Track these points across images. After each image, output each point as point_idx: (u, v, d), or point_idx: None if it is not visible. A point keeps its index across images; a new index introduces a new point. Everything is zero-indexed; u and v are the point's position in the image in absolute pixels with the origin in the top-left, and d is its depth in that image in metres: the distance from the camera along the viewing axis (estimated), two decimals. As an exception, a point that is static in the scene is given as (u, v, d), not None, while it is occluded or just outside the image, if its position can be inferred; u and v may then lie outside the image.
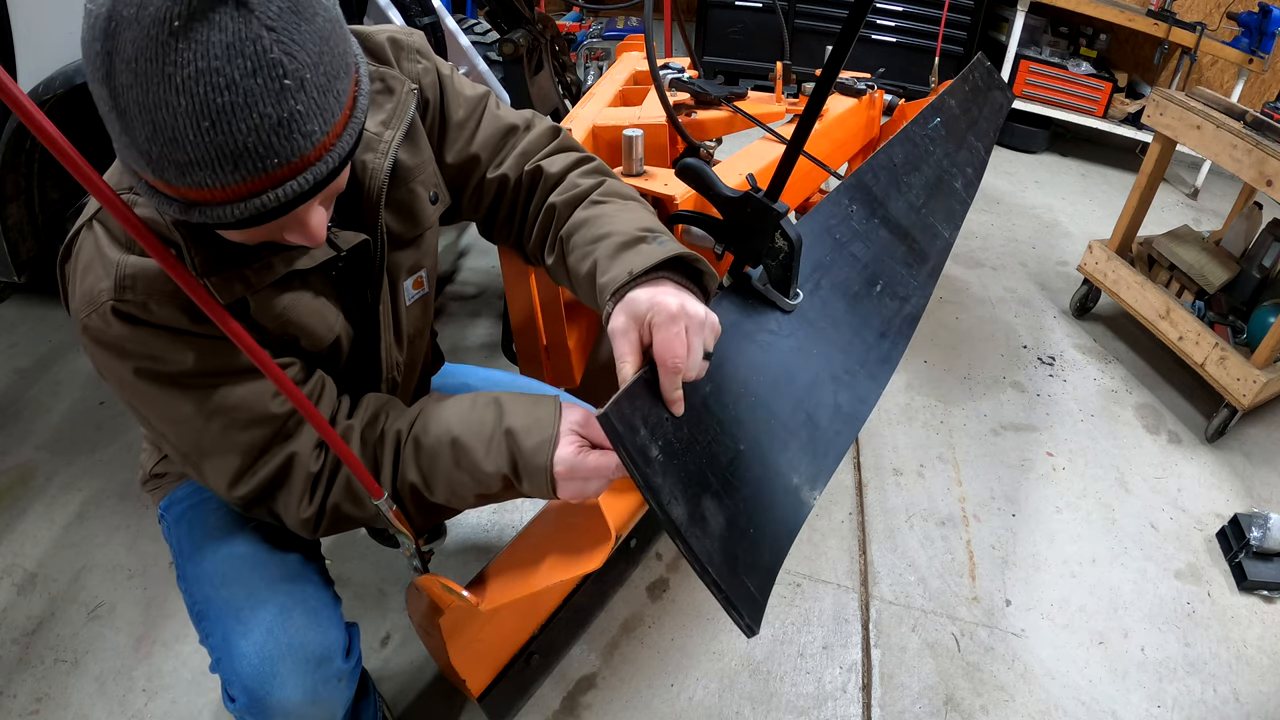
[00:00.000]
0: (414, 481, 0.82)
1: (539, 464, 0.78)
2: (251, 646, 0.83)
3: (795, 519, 0.79)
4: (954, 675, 1.49)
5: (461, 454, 0.80)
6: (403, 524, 0.84)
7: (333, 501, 0.82)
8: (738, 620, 0.69)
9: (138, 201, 0.71)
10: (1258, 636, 1.62)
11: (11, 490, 1.75)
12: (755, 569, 0.71)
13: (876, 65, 2.53)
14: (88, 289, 0.71)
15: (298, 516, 0.82)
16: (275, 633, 0.84)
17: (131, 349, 0.72)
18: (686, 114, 1.82)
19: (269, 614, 0.86)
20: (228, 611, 0.87)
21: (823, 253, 1.05)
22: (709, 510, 0.71)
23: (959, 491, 1.91)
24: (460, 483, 0.81)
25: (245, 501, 0.81)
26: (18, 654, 1.42)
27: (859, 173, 1.24)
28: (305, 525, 0.83)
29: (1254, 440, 2.18)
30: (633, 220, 0.84)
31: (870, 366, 0.96)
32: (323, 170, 0.62)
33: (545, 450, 0.78)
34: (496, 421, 0.81)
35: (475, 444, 0.80)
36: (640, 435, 0.69)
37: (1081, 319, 2.67)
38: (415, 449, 0.83)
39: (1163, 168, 2.34)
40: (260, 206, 0.60)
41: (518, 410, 0.82)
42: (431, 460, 0.82)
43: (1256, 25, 3.58)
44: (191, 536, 0.96)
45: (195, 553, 0.94)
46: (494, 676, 1.13)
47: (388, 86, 0.85)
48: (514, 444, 0.79)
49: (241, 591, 0.88)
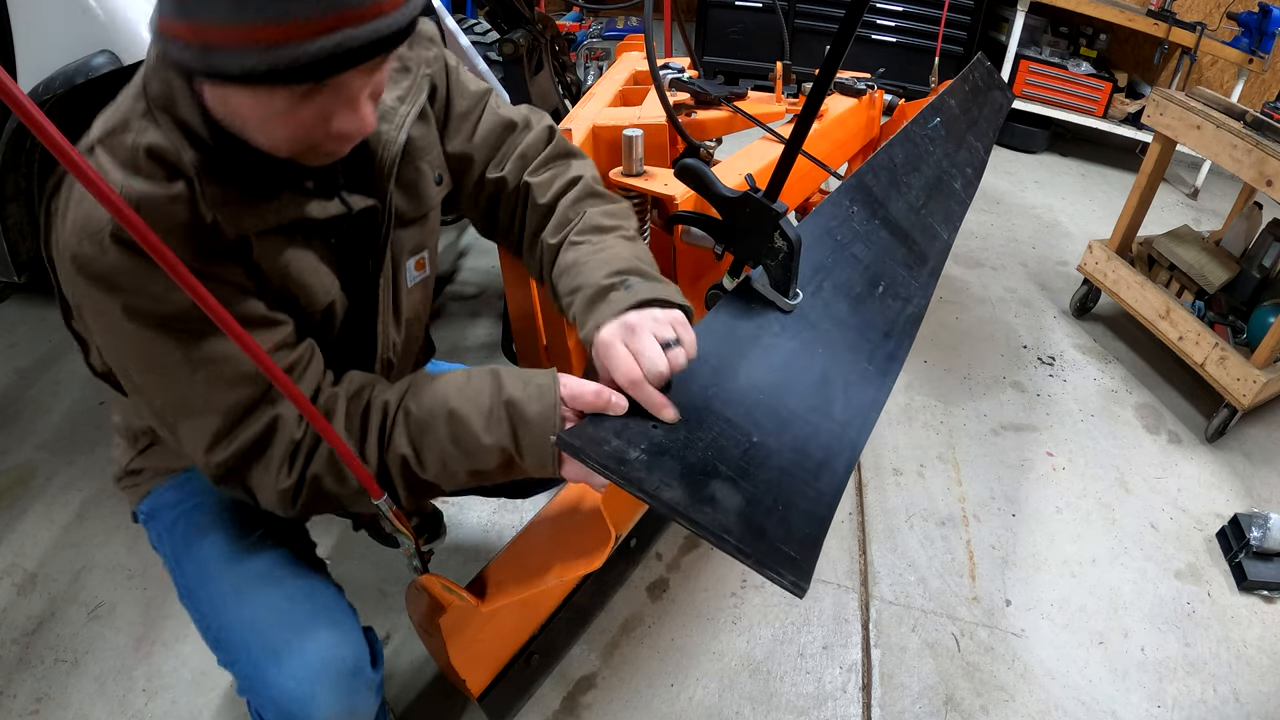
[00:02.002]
0: (404, 454, 0.78)
1: (542, 434, 0.75)
2: (285, 673, 0.82)
3: (831, 492, 0.77)
4: (954, 675, 1.49)
5: (458, 425, 0.77)
6: (402, 524, 0.83)
7: (313, 472, 0.77)
8: (779, 579, 0.66)
9: (151, 127, 0.69)
10: (1258, 636, 1.62)
11: (11, 490, 1.75)
12: (791, 538, 0.70)
13: (876, 65, 2.53)
14: (84, 215, 0.67)
15: (275, 488, 0.77)
16: (307, 656, 0.83)
17: (125, 283, 0.67)
18: (686, 114, 1.81)
19: (297, 637, 0.84)
20: (253, 637, 0.85)
21: (824, 254, 1.05)
22: (720, 492, 0.70)
23: (959, 491, 1.91)
24: (453, 457, 0.78)
25: (223, 469, 0.76)
26: (18, 654, 1.42)
27: (859, 173, 1.24)
28: (283, 498, 0.78)
29: (1254, 440, 2.18)
30: (605, 264, 0.84)
31: (879, 363, 0.96)
32: (400, 21, 0.63)
33: (550, 418, 0.75)
34: (495, 392, 0.78)
35: (473, 415, 0.77)
36: (610, 445, 0.71)
37: (1081, 319, 2.67)
38: (405, 419, 0.78)
39: (1163, 168, 2.34)
40: (343, 43, 0.59)
41: (516, 380, 0.79)
42: (423, 431, 0.78)
43: (1256, 25, 3.58)
44: (191, 550, 0.93)
45: (200, 570, 0.91)
46: (494, 676, 1.14)
47: (405, 66, 0.86)
48: (516, 414, 0.76)
49: (264, 614, 0.86)
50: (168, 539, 0.96)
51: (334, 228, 0.82)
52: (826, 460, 0.79)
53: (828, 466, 0.79)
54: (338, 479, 0.78)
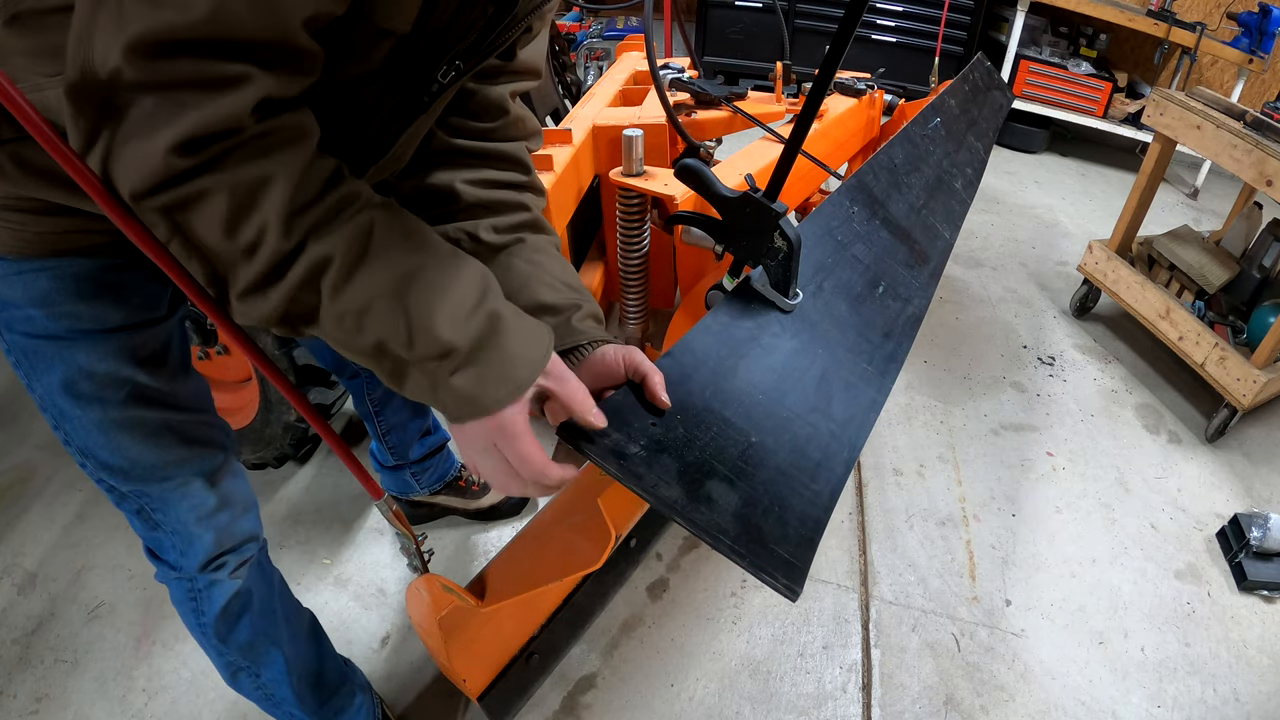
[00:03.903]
0: (328, 255, 0.55)
1: (507, 374, 0.61)
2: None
3: (828, 493, 0.77)
4: (954, 675, 1.49)
5: (419, 286, 0.58)
6: (403, 524, 0.83)
7: (324, 253, 0.55)
8: (773, 582, 0.66)
9: None
10: (1258, 636, 1.62)
11: (11, 490, 1.75)
12: (787, 539, 0.70)
13: (876, 65, 2.53)
14: None
15: (272, 248, 0.53)
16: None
17: None
18: (686, 114, 1.82)
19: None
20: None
21: (824, 254, 1.05)
22: (717, 492, 0.71)
23: (959, 491, 1.91)
24: (382, 313, 0.57)
25: (176, 176, 0.50)
26: (18, 654, 1.42)
27: (860, 174, 1.24)
28: (263, 282, 0.55)
29: (1254, 440, 2.18)
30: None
31: (878, 364, 0.96)
32: None
33: (532, 366, 0.62)
34: (481, 294, 0.62)
35: (447, 290, 0.59)
36: (610, 439, 0.70)
37: (1081, 319, 2.67)
38: (361, 227, 0.57)
39: (1163, 168, 2.34)
40: None
41: (510, 307, 0.64)
42: (370, 256, 0.57)
43: (1256, 25, 3.58)
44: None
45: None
46: (494, 676, 1.14)
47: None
48: (495, 329, 0.61)
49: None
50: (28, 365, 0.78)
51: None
52: (824, 461, 0.80)
53: (825, 467, 0.79)
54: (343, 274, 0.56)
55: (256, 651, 1.03)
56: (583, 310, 0.77)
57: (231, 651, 1.01)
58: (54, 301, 0.73)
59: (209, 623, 0.97)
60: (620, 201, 1.51)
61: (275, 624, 1.04)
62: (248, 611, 0.99)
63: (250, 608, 1.00)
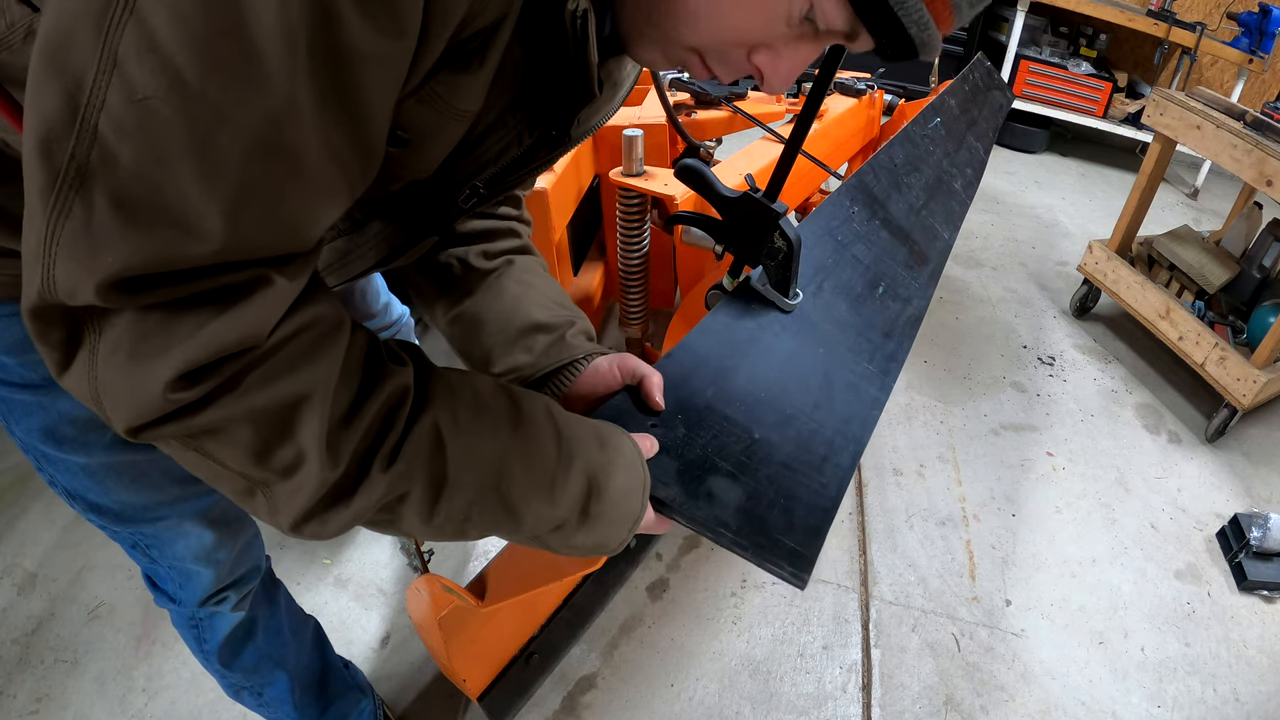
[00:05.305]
0: (402, 491, 0.50)
1: (624, 514, 0.63)
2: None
3: (835, 484, 0.77)
4: (954, 675, 1.49)
5: (507, 479, 0.55)
6: None
7: (398, 489, 0.49)
8: (778, 570, 0.66)
9: None
10: (1258, 636, 1.62)
11: (11, 490, 1.74)
12: (793, 529, 0.70)
13: (876, 65, 2.53)
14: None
15: (317, 479, 0.45)
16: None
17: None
18: (686, 114, 1.82)
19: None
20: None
21: (824, 254, 1.05)
22: (719, 488, 0.71)
23: (959, 491, 1.91)
24: (482, 517, 0.55)
25: (181, 409, 0.41)
26: (18, 654, 1.42)
27: (860, 174, 1.24)
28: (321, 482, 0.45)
29: (1254, 440, 2.18)
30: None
31: (879, 363, 0.96)
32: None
33: (637, 496, 0.64)
34: (554, 440, 0.59)
35: (535, 464, 0.57)
36: None
37: (1081, 319, 2.67)
38: (428, 450, 0.51)
39: (1163, 168, 2.34)
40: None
41: (579, 428, 0.62)
42: (450, 476, 0.52)
43: (1256, 25, 3.58)
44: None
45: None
46: (494, 676, 1.13)
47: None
48: (594, 482, 0.60)
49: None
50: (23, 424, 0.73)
51: (525, 115, 0.59)
52: (830, 455, 0.79)
53: (831, 461, 0.79)
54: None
55: (260, 674, 1.03)
56: (576, 327, 0.78)
57: (235, 675, 1.01)
58: (27, 348, 0.66)
59: (212, 650, 0.97)
60: (620, 202, 1.51)
61: (281, 644, 1.04)
62: (251, 639, 0.99)
63: (254, 635, 0.99)
